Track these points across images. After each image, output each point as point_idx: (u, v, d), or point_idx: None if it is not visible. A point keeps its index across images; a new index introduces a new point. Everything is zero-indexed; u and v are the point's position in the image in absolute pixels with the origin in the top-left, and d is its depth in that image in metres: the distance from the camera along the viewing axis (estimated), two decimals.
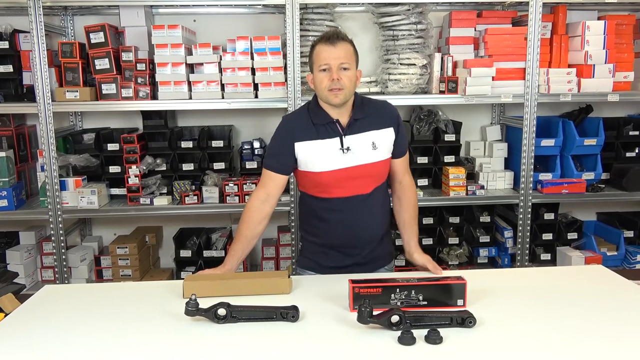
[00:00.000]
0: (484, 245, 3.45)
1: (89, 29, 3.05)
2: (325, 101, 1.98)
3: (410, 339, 1.46)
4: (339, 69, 1.91)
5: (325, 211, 2.06)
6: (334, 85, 1.91)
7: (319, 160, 1.99)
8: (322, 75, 1.93)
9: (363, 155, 1.99)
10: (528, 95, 3.13)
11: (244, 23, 3.48)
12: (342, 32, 2.01)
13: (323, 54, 1.93)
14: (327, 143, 1.98)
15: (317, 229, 2.11)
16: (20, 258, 3.28)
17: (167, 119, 3.33)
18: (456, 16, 3.27)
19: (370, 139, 2.01)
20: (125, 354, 1.46)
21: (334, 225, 2.05)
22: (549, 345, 1.46)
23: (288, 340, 1.52)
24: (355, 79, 1.97)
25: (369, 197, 2.05)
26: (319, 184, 2.02)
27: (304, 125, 2.02)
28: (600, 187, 3.32)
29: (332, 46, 1.92)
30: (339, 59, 1.91)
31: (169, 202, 3.17)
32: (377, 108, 2.09)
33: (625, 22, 3.34)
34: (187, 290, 1.79)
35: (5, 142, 3.27)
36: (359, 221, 2.04)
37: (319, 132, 1.99)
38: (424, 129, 3.35)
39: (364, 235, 2.07)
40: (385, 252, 2.18)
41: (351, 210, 2.03)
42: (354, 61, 1.97)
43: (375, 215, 2.08)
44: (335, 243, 2.08)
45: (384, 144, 2.04)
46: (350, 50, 1.95)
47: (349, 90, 1.94)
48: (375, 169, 2.03)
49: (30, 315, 1.71)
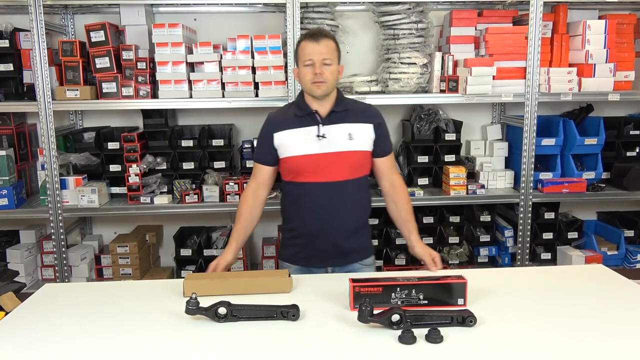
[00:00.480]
0: (485, 245, 3.45)
1: (90, 27, 3.05)
2: (309, 93, 2.13)
3: (411, 338, 1.46)
4: (321, 64, 2.06)
5: (299, 196, 2.16)
6: (317, 79, 2.06)
7: (294, 146, 2.12)
8: (306, 70, 2.08)
9: (338, 144, 2.10)
10: (529, 94, 3.13)
11: (245, 22, 3.47)
12: (325, 30, 2.17)
13: (307, 49, 2.08)
14: (304, 130, 2.12)
15: (291, 215, 2.23)
16: (20, 257, 3.28)
17: (168, 117, 3.33)
18: (457, 15, 3.26)
19: (347, 130, 2.13)
20: (125, 352, 1.46)
21: (307, 210, 2.15)
22: (549, 345, 1.46)
23: (288, 339, 1.52)
24: (337, 73, 2.13)
25: (343, 187, 2.13)
26: (293, 168, 2.14)
27: (286, 118, 2.18)
28: (600, 187, 3.32)
29: (316, 43, 2.07)
30: (322, 55, 2.06)
31: (170, 201, 3.17)
32: (358, 106, 2.24)
33: (626, 22, 3.34)
34: (187, 289, 1.79)
35: (6, 140, 3.27)
36: (330, 208, 2.12)
37: (298, 122, 2.14)
38: (425, 128, 3.34)
39: (335, 224, 2.14)
40: (360, 247, 2.23)
41: (323, 196, 2.12)
42: (336, 57, 2.11)
43: (347, 206, 2.15)
44: (307, 230, 2.17)
45: (362, 137, 2.14)
46: (332, 47, 2.10)
47: (331, 83, 2.09)
48: (350, 158, 2.13)
49: (31, 313, 1.72)
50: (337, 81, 2.13)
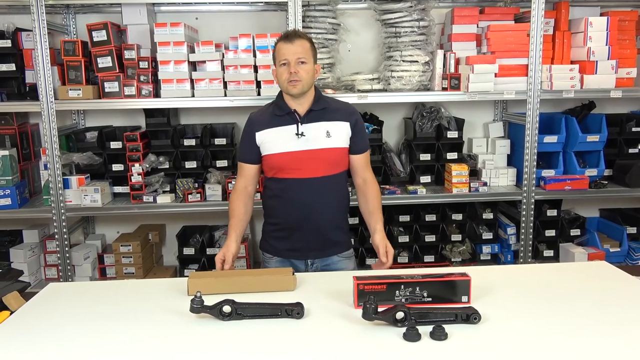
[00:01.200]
0: (487, 242, 3.45)
1: (92, 27, 3.05)
2: (286, 92, 2.19)
3: (416, 335, 1.47)
4: (296, 63, 2.12)
5: (280, 191, 2.23)
6: (292, 77, 2.12)
7: (275, 144, 2.19)
8: (282, 69, 2.14)
9: (316, 141, 2.17)
10: (531, 91, 3.13)
11: (246, 20, 3.48)
12: (300, 31, 2.24)
13: (282, 50, 2.14)
14: (284, 129, 2.19)
15: (273, 209, 2.29)
16: (23, 256, 3.29)
17: (170, 116, 3.33)
18: (458, 13, 3.27)
19: (325, 128, 2.19)
20: (130, 351, 1.46)
21: (288, 204, 2.21)
22: (553, 341, 1.46)
23: (293, 337, 1.52)
24: (314, 72, 2.18)
25: (322, 182, 2.19)
26: (274, 165, 2.21)
27: (266, 117, 2.24)
28: (603, 184, 3.32)
29: (290, 43, 2.13)
30: (296, 54, 2.11)
31: (172, 200, 3.18)
32: (336, 104, 2.29)
33: (628, 18, 3.33)
34: (191, 287, 1.79)
35: (8, 140, 3.28)
36: (310, 203, 2.19)
37: (278, 121, 2.20)
38: (427, 126, 3.35)
39: (315, 217, 2.20)
40: (340, 240, 2.30)
41: (303, 191, 2.19)
42: (311, 56, 2.16)
43: (327, 201, 2.22)
44: (289, 224, 2.23)
45: (339, 135, 2.21)
46: (306, 46, 2.15)
47: (307, 81, 2.14)
48: (329, 155, 2.19)
49: (36, 312, 1.72)
50: (314, 80, 2.19)
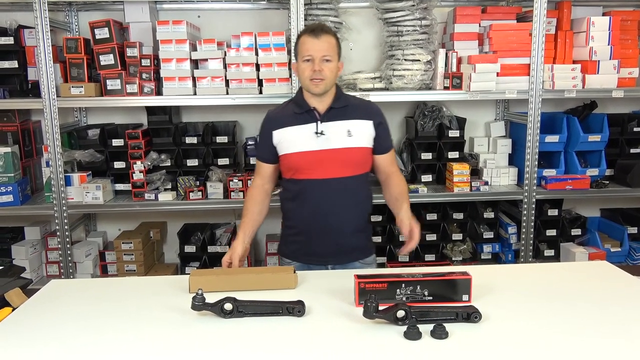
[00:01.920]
0: (488, 241, 3.45)
1: (94, 24, 3.05)
2: (307, 90, 2.10)
3: (416, 334, 1.47)
4: (321, 60, 2.02)
5: (299, 193, 2.14)
6: (315, 76, 2.02)
7: (293, 143, 2.10)
8: (304, 66, 2.05)
9: (337, 141, 2.08)
10: (532, 91, 3.13)
11: (248, 19, 3.48)
12: (327, 26, 2.13)
13: (307, 45, 2.04)
14: (303, 128, 2.10)
15: (291, 211, 2.21)
16: (25, 253, 3.30)
17: (172, 114, 3.33)
18: (461, 12, 3.26)
19: (346, 127, 2.10)
20: (132, 347, 1.47)
21: (307, 207, 2.13)
22: (553, 341, 1.46)
23: (294, 335, 1.52)
24: (337, 70, 2.09)
25: (342, 184, 2.10)
26: (292, 165, 2.12)
27: (284, 115, 2.16)
28: (604, 184, 3.32)
29: (316, 39, 2.03)
30: (322, 51, 2.02)
31: (174, 197, 3.18)
32: (358, 102, 2.21)
33: (630, 18, 3.33)
34: (193, 285, 1.79)
35: (11, 137, 3.29)
36: (330, 206, 2.10)
37: (297, 119, 2.12)
38: (428, 125, 3.35)
39: (335, 221, 2.11)
40: (361, 245, 2.21)
41: (322, 193, 2.10)
42: (336, 54, 2.08)
43: (347, 204, 2.12)
44: (307, 227, 2.15)
45: (361, 134, 2.11)
46: (332, 43, 2.06)
47: (330, 80, 2.06)
48: (350, 155, 2.10)
49: (37, 309, 1.73)
50: (336, 78, 2.11)
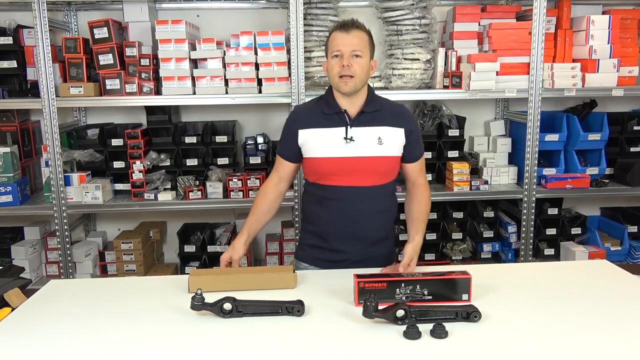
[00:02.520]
0: (488, 240, 3.45)
1: (93, 24, 3.05)
2: (336, 88, 1.99)
3: (416, 333, 1.47)
4: (350, 56, 1.92)
5: (322, 198, 2.06)
6: (344, 72, 1.92)
7: (320, 147, 2.00)
8: (333, 62, 1.95)
9: (366, 148, 1.98)
10: (532, 90, 3.12)
11: (248, 18, 3.48)
12: (359, 22, 2.01)
13: (336, 40, 1.95)
14: (331, 131, 2.00)
15: (313, 215, 2.12)
16: (25, 253, 3.29)
17: (171, 114, 3.33)
18: (460, 11, 3.26)
19: (377, 133, 2.00)
20: (132, 347, 1.47)
21: (330, 211, 2.04)
22: (553, 340, 1.46)
23: (294, 335, 1.52)
24: (369, 68, 1.98)
25: (369, 193, 2.02)
26: (318, 170, 2.03)
27: (312, 114, 2.05)
28: (604, 182, 3.32)
29: (346, 33, 1.93)
30: (351, 46, 1.92)
31: (173, 197, 3.18)
32: (391, 106, 2.09)
33: (630, 17, 3.33)
34: (192, 284, 1.79)
35: (10, 137, 3.28)
36: (355, 214, 2.02)
37: (325, 121, 2.01)
38: (428, 124, 3.35)
39: (359, 230, 2.04)
40: (383, 254, 2.11)
41: (348, 201, 2.01)
42: (368, 50, 1.97)
43: (373, 213, 2.04)
44: (329, 234, 2.07)
45: (392, 142, 2.02)
46: (364, 39, 1.96)
47: (360, 78, 1.95)
48: (379, 164, 2.01)
49: (37, 309, 1.72)
50: (368, 77, 1.99)
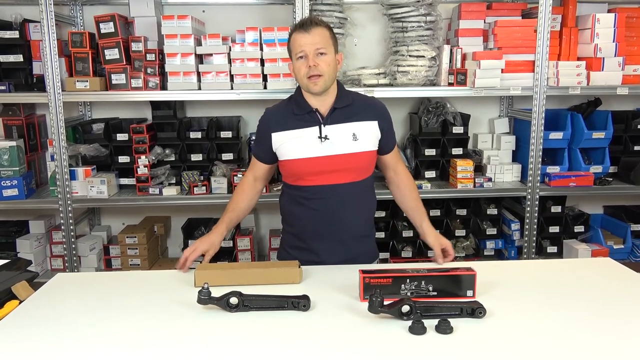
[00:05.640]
0: (491, 238, 3.46)
1: (99, 19, 3.06)
2: (306, 90, 1.97)
3: (421, 329, 1.48)
4: (315, 55, 1.89)
5: (301, 199, 2.04)
6: (312, 72, 1.89)
7: (295, 149, 1.98)
8: (299, 64, 1.92)
9: (342, 146, 1.96)
10: (537, 88, 3.12)
11: (253, 14, 3.48)
12: (317, 18, 1.99)
13: (298, 41, 1.91)
14: (305, 132, 1.98)
15: (292, 216, 2.11)
16: (30, 247, 3.31)
17: (176, 109, 3.34)
18: (465, 8, 3.26)
19: (351, 130, 1.98)
20: (139, 340, 1.48)
21: (309, 212, 2.03)
22: (557, 336, 1.47)
23: (299, 329, 1.53)
24: (335, 63, 1.95)
25: (347, 190, 2.01)
26: (295, 172, 2.02)
27: (283, 116, 2.03)
28: (607, 181, 3.32)
29: (306, 33, 1.90)
30: (314, 45, 1.89)
31: (178, 192, 3.19)
32: (362, 100, 2.07)
33: (635, 15, 3.32)
34: (198, 279, 1.80)
35: (16, 131, 3.30)
36: (334, 212, 2.01)
37: (298, 122, 1.99)
38: (432, 121, 3.35)
39: (339, 228, 2.03)
40: (365, 250, 2.12)
41: (327, 200, 2.00)
42: (331, 45, 1.94)
43: (352, 209, 2.03)
44: (310, 234, 2.06)
45: (367, 137, 2.00)
46: (325, 35, 1.92)
47: (329, 75, 1.92)
48: (356, 161, 1.99)
49: (44, 302, 1.74)
50: (336, 72, 1.97)
